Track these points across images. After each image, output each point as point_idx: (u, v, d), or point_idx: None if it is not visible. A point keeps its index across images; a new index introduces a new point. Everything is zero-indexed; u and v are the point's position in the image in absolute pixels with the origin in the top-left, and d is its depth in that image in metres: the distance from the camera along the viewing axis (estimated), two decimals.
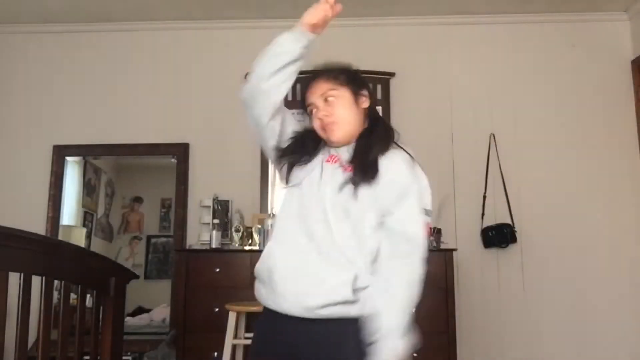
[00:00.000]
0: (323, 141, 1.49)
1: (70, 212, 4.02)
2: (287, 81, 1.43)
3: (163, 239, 4.30)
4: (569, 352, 3.58)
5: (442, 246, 3.38)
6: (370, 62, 3.90)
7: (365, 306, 1.34)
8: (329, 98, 1.45)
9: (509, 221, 3.68)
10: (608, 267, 3.65)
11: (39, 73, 4.08)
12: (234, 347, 2.94)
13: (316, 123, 1.48)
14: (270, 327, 1.43)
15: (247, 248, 3.40)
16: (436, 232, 3.38)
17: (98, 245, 4.20)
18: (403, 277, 1.36)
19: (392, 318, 1.32)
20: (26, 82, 4.07)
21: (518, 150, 3.80)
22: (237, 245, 3.46)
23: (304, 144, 1.49)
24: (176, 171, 3.90)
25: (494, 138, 3.81)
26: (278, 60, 1.40)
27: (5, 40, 4.10)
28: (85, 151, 4.04)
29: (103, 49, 4.09)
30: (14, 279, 1.83)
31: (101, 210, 4.32)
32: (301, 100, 1.52)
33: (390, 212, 1.39)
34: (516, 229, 3.65)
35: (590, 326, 3.59)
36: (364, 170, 1.40)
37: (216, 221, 3.49)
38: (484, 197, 3.73)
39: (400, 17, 3.97)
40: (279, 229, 1.48)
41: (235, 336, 2.88)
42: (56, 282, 2.12)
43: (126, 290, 2.64)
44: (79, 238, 4.07)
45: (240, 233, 3.49)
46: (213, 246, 3.38)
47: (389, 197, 1.39)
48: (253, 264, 3.64)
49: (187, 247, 3.71)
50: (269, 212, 3.59)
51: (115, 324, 2.48)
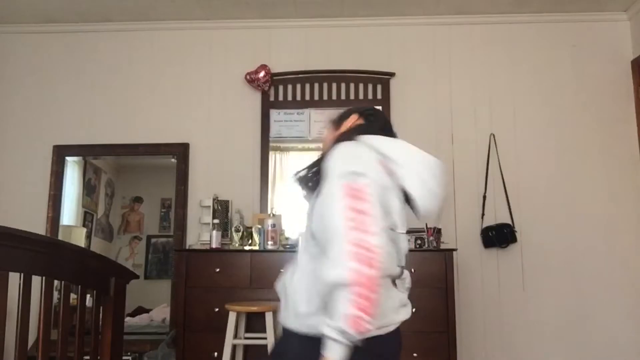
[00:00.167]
0: None
1: (70, 212, 4.02)
2: None
3: (163, 239, 4.29)
4: (569, 352, 3.58)
5: (442, 246, 3.38)
6: (370, 62, 3.92)
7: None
8: (323, 142, 1.62)
9: (509, 221, 3.68)
10: (608, 267, 3.65)
11: (39, 73, 4.08)
12: (234, 347, 2.94)
13: None
14: None
15: (247, 248, 3.40)
16: (436, 232, 3.38)
17: (98, 245, 4.19)
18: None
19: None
20: (26, 82, 4.08)
21: (518, 150, 3.80)
22: (237, 245, 3.46)
23: None
24: (176, 171, 3.90)
25: (494, 138, 3.81)
26: None
27: (5, 40, 4.11)
28: (85, 151, 4.04)
29: (103, 49, 4.09)
30: (14, 279, 1.83)
31: (101, 210, 4.31)
32: None
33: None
34: (516, 229, 3.65)
35: (590, 326, 3.60)
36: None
37: (216, 221, 3.49)
38: (484, 197, 3.73)
39: (400, 17, 3.97)
40: None
41: (235, 336, 2.89)
42: (56, 282, 2.12)
43: (126, 290, 2.64)
44: (79, 238, 4.07)
45: (240, 233, 3.49)
46: (213, 246, 3.38)
47: None
48: (253, 264, 3.64)
49: (187, 247, 3.71)
50: (269, 212, 3.59)
51: (115, 324, 2.48)
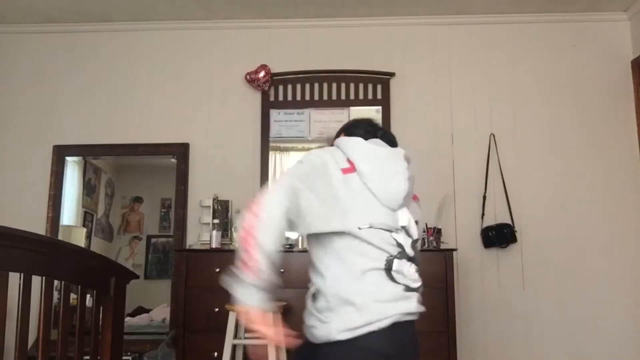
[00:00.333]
0: None
1: (70, 212, 4.02)
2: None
3: (163, 239, 4.29)
4: (569, 352, 3.58)
5: (442, 246, 3.39)
6: (370, 62, 3.92)
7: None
8: None
9: (509, 221, 3.68)
10: (608, 267, 3.65)
11: (39, 73, 4.08)
12: (234, 347, 2.94)
13: None
14: None
15: None
16: (436, 232, 3.38)
17: (98, 245, 4.19)
18: None
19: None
20: (26, 82, 4.08)
21: (518, 150, 3.80)
22: (237, 245, 3.45)
23: None
24: (176, 171, 3.90)
25: (494, 138, 3.81)
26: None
27: (5, 40, 4.10)
28: (85, 151, 4.04)
29: (103, 49, 4.09)
30: (14, 279, 1.82)
31: (101, 210, 4.31)
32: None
33: None
34: (516, 229, 3.65)
35: (590, 326, 3.59)
36: None
37: (216, 221, 3.49)
38: (484, 197, 3.73)
39: (400, 17, 3.97)
40: None
41: (235, 336, 2.88)
42: (56, 282, 2.11)
43: (126, 290, 2.64)
44: (79, 238, 4.07)
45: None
46: (213, 246, 3.38)
47: None
48: None
49: (187, 247, 3.71)
50: None
51: (115, 324, 2.47)
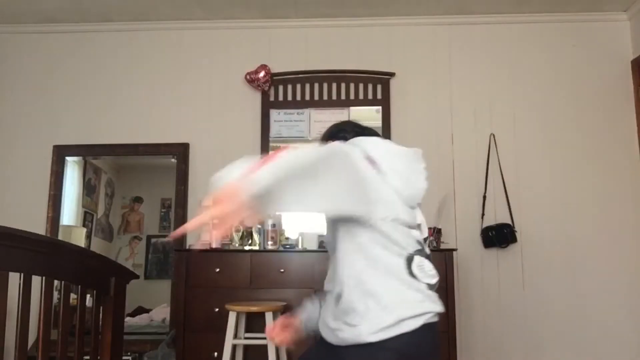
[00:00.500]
0: None
1: (70, 212, 4.02)
2: None
3: (163, 239, 4.30)
4: (569, 352, 3.58)
5: (442, 246, 3.38)
6: (370, 62, 3.92)
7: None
8: None
9: (509, 221, 3.68)
10: (608, 267, 3.65)
11: (39, 73, 4.08)
12: (234, 347, 2.94)
13: None
14: None
15: (247, 248, 3.40)
16: (436, 232, 3.38)
17: (98, 245, 4.20)
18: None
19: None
20: (26, 82, 4.08)
21: (518, 150, 3.80)
22: (237, 245, 3.46)
23: None
24: (176, 171, 3.90)
25: (494, 138, 3.81)
26: None
27: (5, 40, 4.10)
28: (85, 151, 4.04)
29: (103, 49, 4.09)
30: (14, 279, 1.82)
31: (101, 210, 4.31)
32: None
33: None
34: (516, 229, 3.65)
35: (590, 326, 3.59)
36: None
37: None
38: (484, 197, 3.73)
39: (400, 17, 3.97)
40: None
41: (235, 336, 2.89)
42: (56, 282, 2.12)
43: (126, 290, 2.64)
44: (79, 238, 4.07)
45: (240, 233, 3.49)
46: (213, 246, 3.38)
47: None
48: (253, 264, 3.63)
49: (187, 247, 3.71)
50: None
51: (115, 324, 2.48)
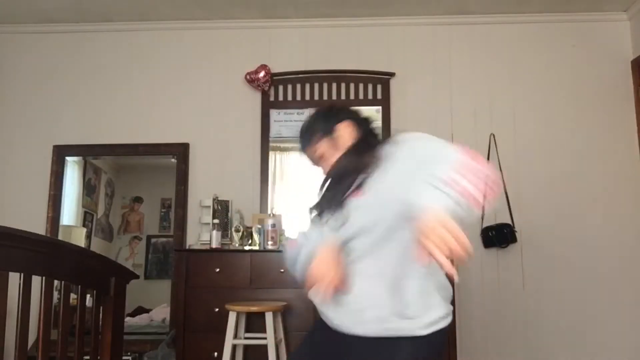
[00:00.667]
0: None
1: (70, 212, 4.02)
2: None
3: (163, 239, 4.30)
4: (569, 352, 3.58)
5: None
6: (370, 62, 3.92)
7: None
8: (319, 158, 1.59)
9: (509, 221, 3.68)
10: (608, 267, 3.65)
11: (39, 73, 4.08)
12: (234, 347, 2.94)
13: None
14: None
15: (247, 248, 3.40)
16: None
17: (98, 245, 4.19)
18: None
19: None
20: (26, 82, 4.08)
21: (518, 150, 3.80)
22: (237, 245, 3.46)
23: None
24: (176, 171, 3.90)
25: (494, 138, 3.81)
26: None
27: (5, 40, 4.10)
28: (85, 151, 4.04)
29: (103, 49, 4.09)
30: (14, 279, 1.82)
31: (101, 210, 4.31)
32: None
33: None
34: (516, 229, 3.65)
35: (590, 326, 3.59)
36: None
37: (216, 221, 3.49)
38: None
39: (400, 17, 3.97)
40: None
41: (235, 336, 2.89)
42: (56, 282, 2.11)
43: (126, 290, 2.64)
44: (79, 238, 4.07)
45: (240, 233, 3.49)
46: (213, 246, 3.38)
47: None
48: (253, 264, 3.63)
49: (187, 247, 3.71)
50: (269, 212, 3.59)
51: (115, 324, 2.48)
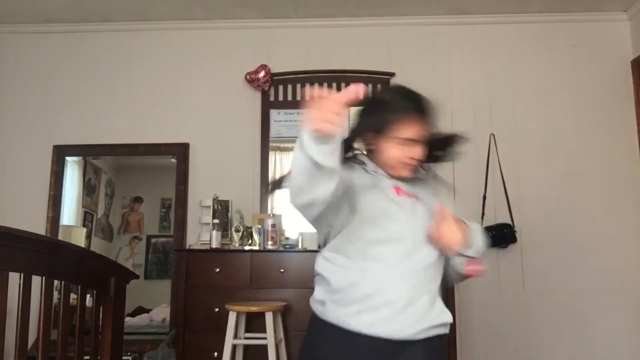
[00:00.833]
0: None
1: (70, 212, 4.02)
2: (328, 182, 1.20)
3: (163, 239, 4.30)
4: (569, 352, 3.58)
5: None
6: (370, 62, 3.92)
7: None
8: (423, 137, 1.39)
9: (509, 221, 3.68)
10: (608, 267, 3.64)
11: (39, 73, 4.08)
12: (234, 347, 2.94)
13: (400, 156, 1.40)
14: None
15: (247, 248, 3.40)
16: None
17: (98, 245, 4.19)
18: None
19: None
20: (26, 82, 4.07)
21: (518, 150, 3.80)
22: (237, 245, 3.46)
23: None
24: (176, 171, 3.90)
25: (494, 138, 3.81)
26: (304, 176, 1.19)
27: (5, 40, 4.10)
28: (85, 151, 4.04)
29: (103, 49, 4.09)
30: (14, 279, 1.82)
31: (101, 210, 4.31)
32: (388, 122, 1.36)
33: None
34: (516, 229, 3.65)
35: (590, 326, 3.59)
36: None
37: (216, 221, 3.49)
38: (484, 197, 3.73)
39: (400, 17, 3.97)
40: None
41: (235, 336, 2.89)
42: (56, 282, 2.11)
43: (126, 290, 2.64)
44: (79, 238, 4.07)
45: (240, 233, 3.49)
46: (213, 246, 3.38)
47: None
48: (253, 264, 3.63)
49: (187, 247, 3.71)
50: (269, 212, 3.59)
51: (115, 324, 2.47)
